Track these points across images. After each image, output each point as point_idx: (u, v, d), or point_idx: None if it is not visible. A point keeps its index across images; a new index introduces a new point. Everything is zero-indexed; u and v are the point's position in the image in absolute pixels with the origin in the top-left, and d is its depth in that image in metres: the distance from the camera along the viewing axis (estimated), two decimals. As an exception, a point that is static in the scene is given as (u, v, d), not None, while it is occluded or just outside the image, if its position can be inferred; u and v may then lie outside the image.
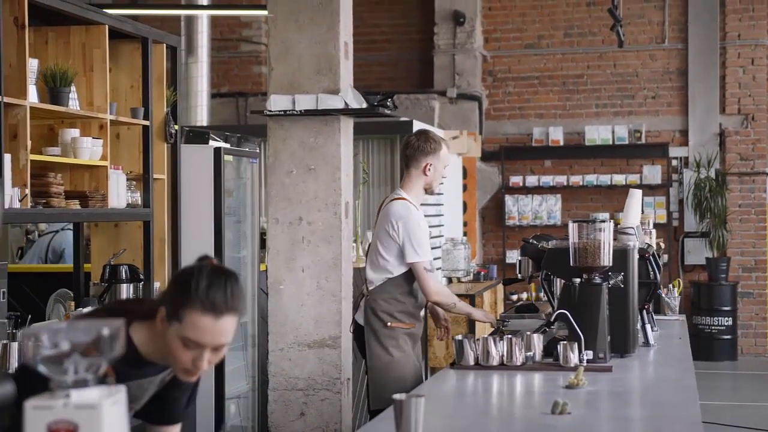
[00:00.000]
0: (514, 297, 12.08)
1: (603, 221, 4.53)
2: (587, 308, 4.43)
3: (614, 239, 5.14)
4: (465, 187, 12.49)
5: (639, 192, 5.74)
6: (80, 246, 5.70)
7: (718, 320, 12.30)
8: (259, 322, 6.84)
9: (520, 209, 13.00)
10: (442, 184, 5.42)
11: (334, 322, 5.63)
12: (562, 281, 4.69)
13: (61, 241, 7.85)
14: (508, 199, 13.01)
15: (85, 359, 1.77)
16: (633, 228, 5.26)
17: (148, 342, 2.67)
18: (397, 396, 2.80)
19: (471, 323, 9.03)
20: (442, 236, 10.37)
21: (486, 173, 13.11)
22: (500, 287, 11.17)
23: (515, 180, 13.02)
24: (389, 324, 5.12)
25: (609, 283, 4.55)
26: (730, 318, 12.32)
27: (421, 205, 5.32)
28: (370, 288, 5.18)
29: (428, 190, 5.27)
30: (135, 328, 2.68)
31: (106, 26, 5.20)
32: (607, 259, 4.48)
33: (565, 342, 4.31)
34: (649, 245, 5.66)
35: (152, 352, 2.68)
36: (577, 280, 4.48)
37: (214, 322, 2.52)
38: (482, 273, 10.88)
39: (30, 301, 6.42)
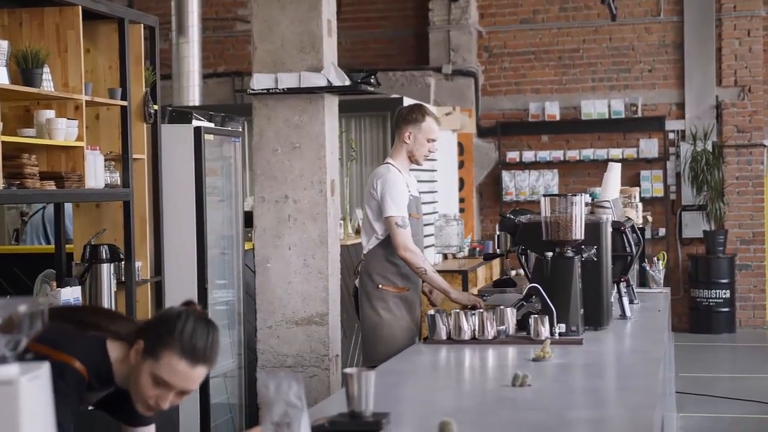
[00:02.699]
0: (513, 272, 12.08)
1: (574, 195, 4.54)
2: (559, 282, 4.45)
3: (591, 213, 5.18)
4: (462, 164, 12.50)
5: (618, 166, 5.75)
6: (61, 226, 5.72)
7: (716, 293, 12.30)
8: (245, 299, 6.87)
9: (518, 185, 13.00)
10: (428, 157, 5.49)
11: (321, 299, 5.66)
12: (536, 255, 4.71)
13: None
14: (505, 175, 13.01)
15: (3, 336, 1.79)
16: (609, 201, 5.28)
17: (120, 364, 2.74)
18: (347, 370, 2.83)
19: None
20: (436, 213, 10.38)
21: (483, 149, 13.11)
22: (497, 262, 11.18)
23: (512, 156, 13.01)
24: (380, 286, 5.26)
25: (582, 257, 4.56)
26: (728, 290, 12.33)
27: (419, 181, 5.45)
28: (364, 252, 5.36)
29: (412, 159, 5.39)
30: (111, 347, 2.75)
31: (80, 7, 5.20)
32: (579, 232, 4.50)
33: (536, 315, 4.33)
34: (629, 218, 5.67)
35: (121, 375, 2.75)
36: (549, 254, 4.50)
37: (189, 368, 2.62)
38: (478, 249, 10.89)
39: (22, 282, 6.46)
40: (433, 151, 5.44)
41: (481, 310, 4.41)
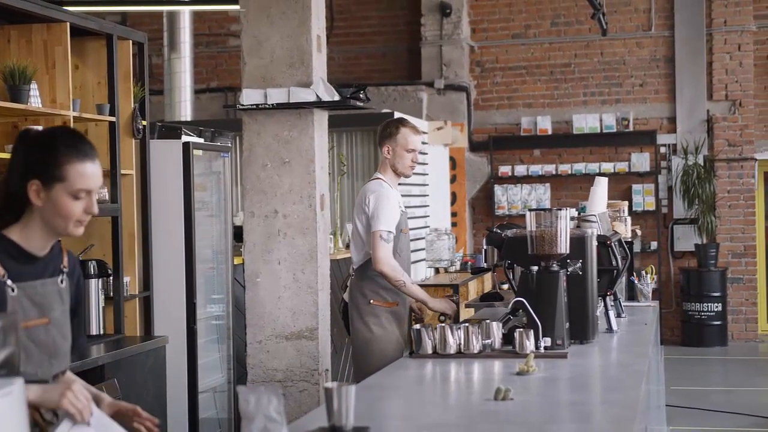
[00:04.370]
0: (505, 287, 12.08)
1: (560, 209, 4.55)
2: (545, 296, 4.46)
3: (577, 227, 5.19)
4: (454, 178, 12.53)
5: (604, 180, 5.77)
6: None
7: (707, 306, 12.32)
8: (235, 314, 6.88)
9: (510, 199, 13.02)
10: (414, 168, 5.52)
11: (311, 314, 5.66)
12: (521, 269, 4.72)
13: None
14: (498, 189, 13.04)
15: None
16: (595, 215, 5.29)
17: (26, 234, 2.82)
18: (327, 384, 2.84)
19: (455, 316, 9.06)
20: (427, 227, 10.41)
21: (475, 163, 13.14)
22: (489, 276, 11.19)
23: (504, 170, 13.04)
24: (371, 301, 5.33)
25: (567, 271, 4.57)
26: (720, 304, 12.35)
27: (410, 195, 5.49)
28: (355, 267, 5.41)
29: (396, 172, 5.45)
30: (9, 231, 2.83)
31: (68, 23, 5.23)
32: (564, 246, 4.51)
33: (521, 329, 4.34)
34: (616, 232, 5.68)
35: (34, 241, 2.83)
36: (535, 267, 4.51)
37: (93, 166, 2.83)
38: (469, 263, 10.90)
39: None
40: (416, 161, 5.49)
41: (466, 325, 4.42)
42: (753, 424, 8.37)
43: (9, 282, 2.75)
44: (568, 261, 4.60)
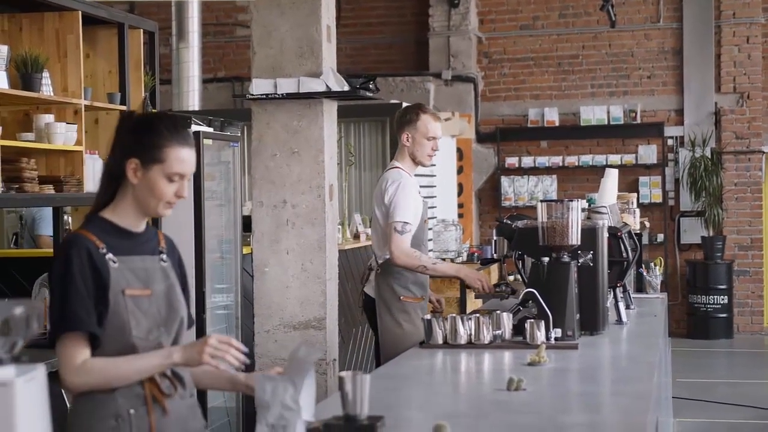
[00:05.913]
0: (511, 278, 12.08)
1: (571, 201, 4.55)
2: (556, 287, 4.46)
3: (587, 218, 5.20)
4: (461, 169, 12.53)
5: (615, 172, 5.77)
6: (59, 230, 5.74)
7: (713, 298, 12.32)
8: (243, 304, 6.89)
9: (516, 190, 13.03)
10: (433, 156, 5.46)
11: (319, 304, 5.66)
12: (532, 260, 4.72)
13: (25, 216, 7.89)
14: (504, 181, 13.04)
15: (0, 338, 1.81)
16: (606, 207, 5.29)
17: (119, 212, 2.92)
18: (342, 373, 2.84)
19: (462, 305, 9.07)
20: (434, 218, 10.41)
21: (482, 155, 13.14)
22: (496, 267, 11.19)
23: (511, 161, 13.04)
24: (402, 297, 5.29)
25: (578, 262, 4.58)
26: (726, 296, 12.35)
27: (419, 186, 5.47)
28: (380, 262, 5.33)
29: (415, 161, 5.39)
30: (104, 213, 2.93)
31: (79, 12, 5.24)
32: (575, 237, 4.51)
33: (532, 320, 4.34)
34: (626, 224, 5.69)
35: (127, 219, 2.93)
36: (546, 259, 4.51)
37: (190, 153, 2.93)
38: (476, 254, 10.89)
39: (20, 286, 6.47)
40: (436, 149, 5.40)
41: (477, 315, 4.42)
42: (758, 416, 8.38)
43: (110, 255, 2.84)
44: (579, 252, 4.60)
